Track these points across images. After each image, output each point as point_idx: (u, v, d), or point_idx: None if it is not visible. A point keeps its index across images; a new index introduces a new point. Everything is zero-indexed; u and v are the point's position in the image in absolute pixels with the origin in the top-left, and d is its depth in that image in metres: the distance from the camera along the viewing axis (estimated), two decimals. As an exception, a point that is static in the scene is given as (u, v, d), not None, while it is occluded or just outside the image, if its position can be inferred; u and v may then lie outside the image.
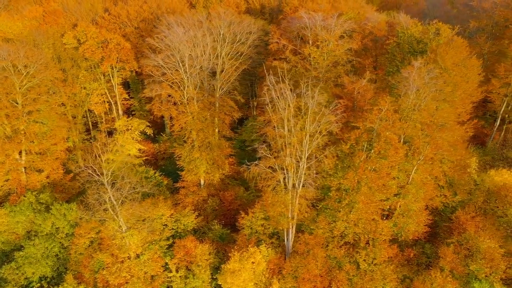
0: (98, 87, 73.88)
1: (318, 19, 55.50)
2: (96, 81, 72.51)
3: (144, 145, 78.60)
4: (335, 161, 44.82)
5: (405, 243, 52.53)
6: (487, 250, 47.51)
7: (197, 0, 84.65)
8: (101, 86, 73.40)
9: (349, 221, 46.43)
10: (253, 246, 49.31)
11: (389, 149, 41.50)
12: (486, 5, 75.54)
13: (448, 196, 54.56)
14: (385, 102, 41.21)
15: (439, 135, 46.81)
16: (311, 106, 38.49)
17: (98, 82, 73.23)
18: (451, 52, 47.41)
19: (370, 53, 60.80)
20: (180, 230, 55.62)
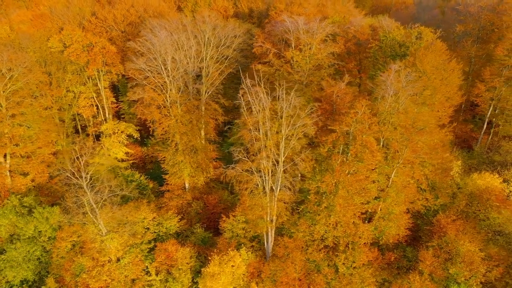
0: (86, 91, 74.01)
1: (300, 23, 55.67)
2: (83, 84, 72.61)
3: (132, 148, 78.72)
4: (313, 164, 44.86)
5: (386, 246, 52.50)
6: (467, 253, 47.42)
7: (185, 4, 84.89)
8: (89, 89, 73.48)
9: (328, 225, 46.37)
10: (233, 250, 49.29)
11: (365, 152, 41.51)
12: (472, 9, 75.78)
13: (429, 200, 54.54)
14: (361, 106, 41.29)
15: (418, 138, 46.86)
16: (285, 109, 38.55)
17: (86, 86, 73.37)
18: (430, 56, 47.54)
19: (354, 56, 60.95)
20: (162, 233, 55.54)
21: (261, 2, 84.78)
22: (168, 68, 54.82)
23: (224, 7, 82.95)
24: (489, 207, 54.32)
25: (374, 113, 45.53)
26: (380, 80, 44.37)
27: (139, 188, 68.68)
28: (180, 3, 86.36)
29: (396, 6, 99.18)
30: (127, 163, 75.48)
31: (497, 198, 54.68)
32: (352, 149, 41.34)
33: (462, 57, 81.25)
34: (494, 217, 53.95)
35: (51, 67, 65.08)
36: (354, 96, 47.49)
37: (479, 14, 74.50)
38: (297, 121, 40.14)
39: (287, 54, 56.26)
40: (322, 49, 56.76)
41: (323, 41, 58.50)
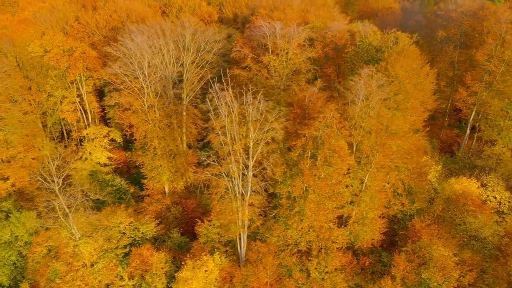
0: (69, 95, 74.10)
1: (277, 28, 55.90)
2: (66, 89, 72.73)
3: (116, 153, 78.66)
4: (284, 168, 44.88)
5: (362, 251, 52.39)
6: (440, 258, 47.29)
7: (170, 10, 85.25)
8: (72, 94, 73.58)
9: (300, 229, 46.30)
10: (207, 254, 49.21)
11: (333, 157, 41.54)
12: (453, 15, 76.10)
13: (405, 204, 54.54)
14: (329, 110, 41.37)
15: (391, 143, 46.92)
16: (251, 113, 38.61)
17: (68, 91, 73.47)
18: (402, 61, 47.69)
19: (332, 61, 61.16)
20: (138, 238, 55.41)
21: (245, 8, 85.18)
22: (145, 72, 54.91)
23: (208, 13, 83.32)
24: (465, 211, 54.26)
25: (345, 118, 45.64)
26: (350, 85, 44.48)
27: (119, 193, 68.78)
28: (165, 8, 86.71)
29: (382, 11, 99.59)
30: (110, 167, 75.45)
31: (473, 203, 54.64)
32: (320, 153, 41.36)
33: (444, 62, 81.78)
34: (470, 222, 53.89)
35: (32, 72, 65.21)
36: (327, 101, 47.56)
37: (460, 19, 74.82)
38: (265, 125, 40.19)
39: (264, 59, 56.46)
40: (299, 54, 56.95)
41: (301, 46, 58.72)
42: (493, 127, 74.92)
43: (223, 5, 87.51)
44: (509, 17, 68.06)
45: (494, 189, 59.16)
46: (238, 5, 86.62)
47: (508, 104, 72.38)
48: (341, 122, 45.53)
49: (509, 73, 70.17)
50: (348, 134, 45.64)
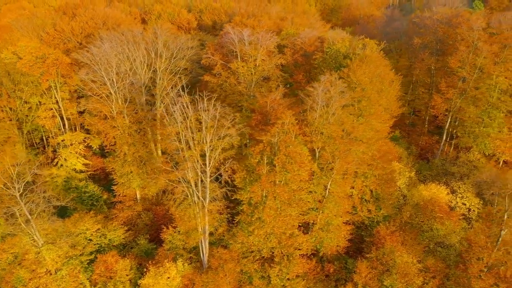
0: (46, 102, 74.15)
1: (245, 35, 56.12)
2: (41, 96, 72.78)
3: (93, 159, 78.57)
4: (244, 175, 44.81)
5: (328, 258, 52.15)
6: (403, 265, 47.08)
7: (149, 17, 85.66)
8: (47, 100, 73.62)
9: (260, 236, 46.10)
10: (170, 261, 48.99)
11: (290, 163, 41.48)
12: (428, 22, 76.50)
13: (372, 211, 54.39)
14: (286, 116, 41.39)
15: (354, 149, 46.91)
16: (204, 119, 38.62)
17: (44, 97, 73.52)
18: (364, 67, 47.79)
19: (302, 68, 61.32)
20: (105, 245, 55.15)
21: (224, 15, 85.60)
22: (112, 79, 55.00)
23: (187, 20, 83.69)
24: (432, 218, 54.11)
25: (306, 124, 45.68)
26: (309, 91, 44.55)
27: (92, 200, 68.66)
28: (145, 16, 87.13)
29: (364, 19, 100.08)
30: (85, 174, 75.28)
31: (440, 209, 54.55)
32: (276, 159, 41.31)
33: (422, 69, 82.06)
34: (437, 229, 53.74)
35: (5, 79, 65.28)
36: (290, 107, 47.64)
37: (435, 27, 75.20)
38: (221, 131, 40.19)
39: (232, 66, 56.61)
40: (268, 60, 57.13)
41: (270, 53, 58.93)
42: (469, 134, 75.10)
43: (203, 13, 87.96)
44: (481, 24, 68.45)
45: (463, 195, 59.06)
46: (217, 12, 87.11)
47: (483, 111, 72.66)
48: (301, 128, 45.59)
49: (482, 80, 70.52)
50: (309, 140, 45.63)
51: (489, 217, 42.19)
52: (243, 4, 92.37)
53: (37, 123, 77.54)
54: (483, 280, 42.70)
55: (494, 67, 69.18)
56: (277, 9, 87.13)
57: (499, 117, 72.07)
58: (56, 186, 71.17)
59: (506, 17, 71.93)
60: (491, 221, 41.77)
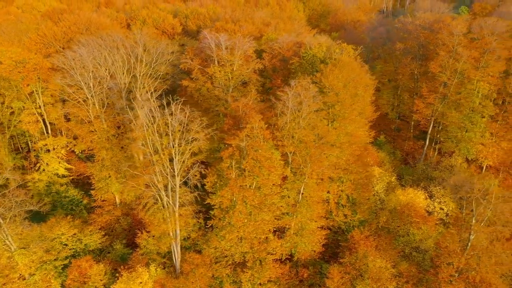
0: (29, 106, 74.11)
1: (222, 40, 56.26)
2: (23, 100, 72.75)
3: (77, 164, 78.43)
4: (215, 179, 44.74)
5: (303, 262, 51.95)
6: (376, 270, 46.91)
7: (134, 22, 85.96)
8: (30, 105, 73.55)
9: (232, 240, 45.94)
10: (143, 266, 48.81)
11: (257, 167, 41.43)
12: (410, 27, 76.80)
13: (348, 215, 54.27)
14: (254, 120, 41.40)
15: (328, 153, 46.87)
16: (171, 123, 38.61)
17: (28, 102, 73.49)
18: (337, 72, 47.85)
19: (281, 73, 61.41)
20: (80, 250, 54.95)
21: (209, 20, 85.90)
22: (89, 83, 55.05)
23: (171, 25, 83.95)
24: (408, 223, 53.98)
25: (277, 128, 45.69)
26: (279, 95, 44.60)
27: (72, 204, 68.52)
28: (130, 21, 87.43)
29: (350, 24, 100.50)
30: (68, 179, 75.12)
31: (416, 214, 54.42)
32: (244, 163, 41.25)
33: (405, 74, 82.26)
34: (413, 233, 53.59)
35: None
36: (262, 112, 47.67)
37: (417, 32, 75.47)
38: (188, 135, 40.16)
39: (209, 70, 56.70)
40: (244, 65, 57.23)
41: (248, 58, 59.05)
42: (452, 138, 75.21)
43: (188, 18, 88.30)
44: (461, 30, 68.70)
45: (441, 200, 58.97)
46: (202, 17, 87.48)
47: (465, 116, 72.79)
48: (273, 133, 45.59)
49: (463, 85, 70.71)
50: (281, 144, 45.62)
51: (458, 222, 42.07)
52: (229, 9, 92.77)
53: (21, 127, 77.57)
54: (453, 285, 42.55)
55: (474, 72, 69.41)
56: (261, 15, 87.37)
57: (480, 122, 72.20)
58: (38, 191, 71.14)
59: (487, 23, 72.13)
60: (459, 226, 41.65)
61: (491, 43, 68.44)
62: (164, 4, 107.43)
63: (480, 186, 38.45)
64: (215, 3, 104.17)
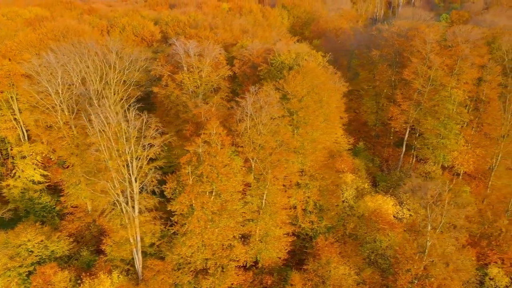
0: (6, 113, 74.14)
1: (190, 46, 56.53)
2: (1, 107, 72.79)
3: (53, 171, 78.30)
4: (175, 185, 44.72)
5: (268, 269, 51.71)
6: (338, 277, 46.74)
7: (113, 30, 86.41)
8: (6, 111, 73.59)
9: (193, 247, 45.77)
10: (105, 273, 48.58)
11: (214, 173, 41.43)
12: (386, 35, 77.27)
13: (314, 222, 54.15)
14: (211, 126, 41.49)
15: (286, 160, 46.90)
16: (124, 129, 38.69)
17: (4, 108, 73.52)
18: (299, 79, 48.04)
19: (251, 79, 61.60)
20: (45, 256, 54.67)
21: (189, 27, 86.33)
22: (57, 90, 55.17)
23: (150, 32, 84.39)
24: (375, 230, 53.88)
25: (237, 134, 45.76)
26: (238, 102, 44.73)
27: (44, 211, 68.36)
28: (110, 28, 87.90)
29: (332, 32, 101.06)
30: (43, 185, 74.96)
31: (383, 221, 54.33)
32: (200, 169, 41.26)
33: (382, 81, 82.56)
34: (380, 240, 53.48)
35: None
36: (225, 118, 47.80)
37: (392, 39, 75.91)
38: (144, 141, 40.21)
39: (178, 77, 56.89)
40: (214, 72, 57.46)
41: (218, 64, 59.29)
42: (428, 145, 75.30)
43: (168, 25, 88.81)
44: (434, 37, 69.10)
45: (410, 207, 58.90)
46: (182, 25, 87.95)
47: (440, 122, 72.94)
48: (234, 139, 45.66)
49: (437, 92, 70.94)
50: (241, 150, 45.66)
51: (414, 228, 42.03)
52: (210, 17, 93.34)
53: (0, 134, 77.54)
54: (412, 292, 42.42)
55: (448, 79, 69.68)
56: (242, 22, 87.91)
57: (455, 129, 72.33)
58: (13, 198, 71.08)
59: (461, 30, 72.64)
60: (416, 232, 41.59)
61: (464, 50, 68.84)
62: (148, 11, 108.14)
63: (433, 192, 38.43)
64: (198, 11, 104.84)
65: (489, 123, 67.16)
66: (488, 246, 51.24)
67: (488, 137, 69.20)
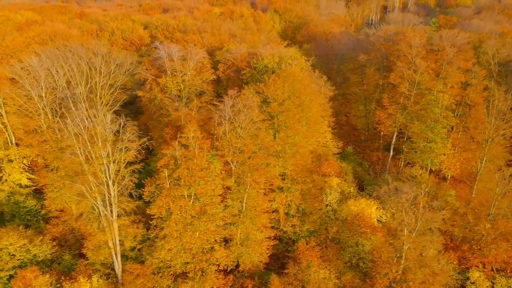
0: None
1: (174, 50, 56.70)
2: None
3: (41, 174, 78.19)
4: (153, 189, 44.69)
5: (249, 273, 51.54)
6: (318, 281, 46.64)
7: (102, 33, 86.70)
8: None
9: (171, 250, 45.67)
10: (85, 277, 48.46)
11: (191, 176, 41.43)
12: (372, 39, 77.54)
13: (296, 226, 54.08)
14: (188, 130, 41.53)
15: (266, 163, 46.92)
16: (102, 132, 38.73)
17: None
18: (279, 82, 48.17)
19: (235, 83, 61.72)
20: (27, 260, 54.54)
21: (178, 32, 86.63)
22: (40, 93, 55.24)
23: (139, 36, 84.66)
24: (357, 233, 53.77)
25: (217, 138, 45.81)
26: (216, 106, 44.82)
27: (30, 214, 68.21)
28: (99, 32, 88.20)
29: (322, 36, 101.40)
30: (30, 189, 74.85)
31: (365, 224, 54.24)
32: (177, 172, 41.26)
33: (369, 85, 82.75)
34: (362, 244, 53.38)
35: None
36: (205, 121, 47.86)
37: (379, 43, 76.19)
38: (121, 145, 40.23)
39: (161, 81, 57.02)
40: (197, 75, 57.61)
41: (203, 68, 59.48)
42: (415, 149, 75.38)
43: (158, 29, 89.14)
44: (419, 41, 69.35)
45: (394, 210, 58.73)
46: (171, 29, 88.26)
47: (427, 126, 73.04)
48: (213, 142, 45.70)
49: (423, 96, 71.08)
50: (220, 154, 45.69)
51: (390, 232, 41.98)
52: (199, 21, 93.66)
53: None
54: (389, 296, 42.30)
55: (434, 83, 69.84)
56: (231, 26, 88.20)
57: (442, 133, 72.42)
58: (0, 201, 70.93)
59: (448, 34, 72.95)
60: (392, 236, 41.55)
61: (450, 54, 69.08)
62: (139, 16, 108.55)
63: (408, 195, 38.46)
64: (189, 15, 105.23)
65: (475, 127, 67.24)
66: (469, 250, 51.17)
67: (474, 141, 69.26)
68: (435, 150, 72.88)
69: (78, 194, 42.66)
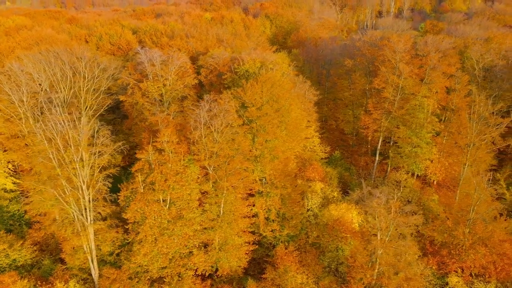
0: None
1: (155, 55, 56.88)
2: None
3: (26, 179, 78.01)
4: (128, 193, 44.65)
5: (228, 278, 51.36)
6: (296, 285, 46.50)
7: (91, 39, 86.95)
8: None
9: (147, 255, 45.55)
10: (62, 282, 48.30)
11: (163, 180, 41.42)
12: (358, 44, 77.80)
13: (276, 230, 53.97)
14: (163, 135, 41.57)
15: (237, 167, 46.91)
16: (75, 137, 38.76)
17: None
18: (257, 87, 48.26)
19: (217, 88, 61.87)
20: (6, 265, 54.36)
21: (166, 37, 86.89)
22: (21, 98, 55.29)
23: (126, 41, 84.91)
24: (337, 238, 53.68)
25: (193, 142, 45.83)
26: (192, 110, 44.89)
27: (13, 219, 68.08)
28: (88, 37, 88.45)
29: (311, 41, 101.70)
30: (16, 193, 74.69)
31: (346, 229, 54.14)
32: (150, 177, 41.26)
33: (356, 89, 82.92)
34: (343, 249, 53.27)
35: None
36: (182, 126, 47.92)
37: (364, 48, 76.43)
38: (95, 149, 40.24)
39: (142, 86, 57.14)
40: (178, 80, 57.74)
41: (185, 73, 59.61)
42: (401, 154, 75.43)
43: (146, 35, 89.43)
44: (403, 47, 69.60)
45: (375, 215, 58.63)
46: (159, 34, 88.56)
47: (412, 131, 73.14)
48: (189, 146, 45.76)
49: (407, 101, 71.22)
50: (197, 158, 45.70)
51: (365, 236, 41.90)
52: (188, 26, 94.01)
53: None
54: (364, 301, 42.15)
55: (418, 88, 70.04)
56: (219, 32, 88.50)
57: (427, 137, 72.52)
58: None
59: (433, 40, 73.22)
60: (366, 241, 41.47)
61: (434, 59, 69.32)
62: (129, 21, 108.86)
63: (380, 200, 38.41)
64: (179, 20, 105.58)
65: (458, 132, 67.32)
66: (448, 255, 51.03)
67: (457, 146, 69.35)
68: (420, 155, 72.95)
69: (54, 199, 42.50)
